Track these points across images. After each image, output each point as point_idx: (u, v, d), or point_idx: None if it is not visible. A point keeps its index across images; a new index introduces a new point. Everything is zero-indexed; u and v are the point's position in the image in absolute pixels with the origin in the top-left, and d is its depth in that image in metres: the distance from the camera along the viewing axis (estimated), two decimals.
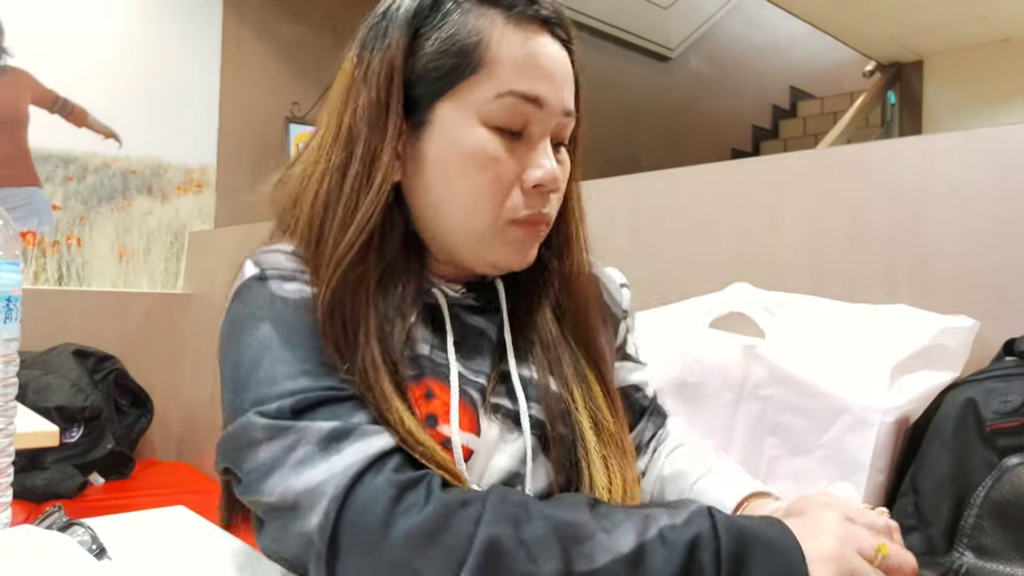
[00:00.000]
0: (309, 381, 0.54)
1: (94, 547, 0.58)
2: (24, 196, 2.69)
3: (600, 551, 0.48)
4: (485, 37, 0.60)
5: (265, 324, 0.58)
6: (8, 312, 0.58)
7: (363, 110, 0.61)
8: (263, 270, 0.62)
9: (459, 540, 0.48)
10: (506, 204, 0.61)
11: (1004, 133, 0.98)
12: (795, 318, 0.99)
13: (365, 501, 0.49)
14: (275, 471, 0.52)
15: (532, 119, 0.61)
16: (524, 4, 0.61)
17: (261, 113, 3.22)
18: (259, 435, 0.53)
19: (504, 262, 0.64)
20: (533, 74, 0.60)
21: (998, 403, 0.79)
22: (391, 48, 0.61)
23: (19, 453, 0.63)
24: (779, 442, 0.93)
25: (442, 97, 0.61)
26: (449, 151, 0.61)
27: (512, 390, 0.65)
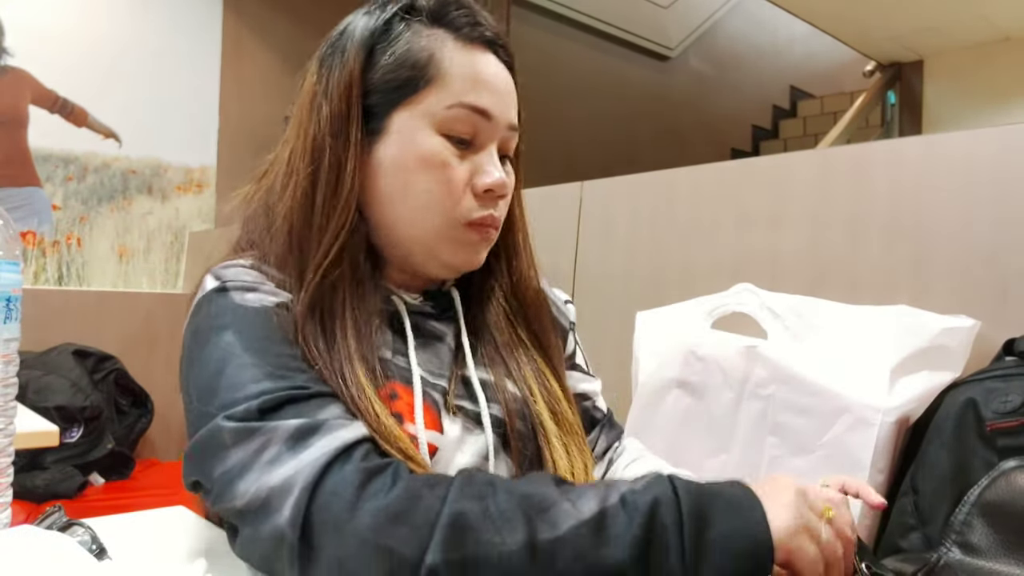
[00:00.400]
0: (273, 383, 0.56)
1: (94, 547, 0.58)
2: (24, 196, 2.69)
3: (564, 518, 0.49)
4: (436, 53, 0.66)
5: (227, 332, 0.60)
6: (8, 312, 0.58)
7: (326, 122, 0.65)
8: (224, 283, 0.64)
9: (426, 517, 0.49)
10: (459, 207, 0.66)
11: (1004, 133, 0.98)
12: (796, 318, 0.99)
13: (334, 488, 0.51)
14: (246, 473, 0.53)
15: (480, 129, 0.66)
16: (469, 26, 0.67)
17: (261, 113, 3.22)
18: (228, 439, 0.54)
19: (456, 262, 0.69)
20: (481, 88, 0.66)
21: (998, 403, 0.79)
22: (349, 63, 0.66)
23: (19, 453, 0.63)
24: (780, 441, 0.93)
25: (398, 106, 0.66)
26: (405, 155, 0.65)
27: (472, 392, 0.69)
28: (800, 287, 1.07)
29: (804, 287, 1.07)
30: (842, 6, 3.80)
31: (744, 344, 0.99)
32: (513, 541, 0.48)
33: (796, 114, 5.50)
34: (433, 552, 0.48)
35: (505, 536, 0.48)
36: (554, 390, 0.72)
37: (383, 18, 0.67)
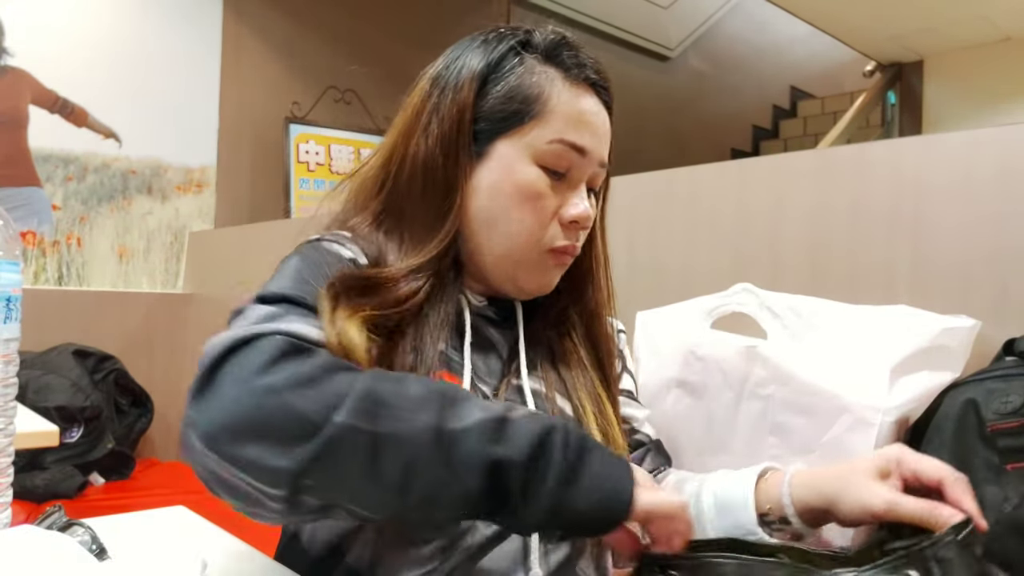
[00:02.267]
0: (290, 289, 0.61)
1: (94, 547, 0.58)
2: (24, 196, 2.70)
3: (471, 412, 0.52)
4: (546, 91, 0.70)
5: (296, 257, 0.67)
6: (8, 312, 0.58)
7: (435, 141, 0.71)
8: (321, 237, 0.71)
9: (340, 386, 0.50)
10: (545, 233, 0.71)
11: (1004, 133, 0.98)
12: (796, 318, 0.99)
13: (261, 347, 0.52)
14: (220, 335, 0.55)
15: (575, 165, 0.71)
16: (578, 68, 0.72)
17: (261, 113, 3.22)
18: (232, 317, 0.59)
19: (531, 286, 0.73)
20: (581, 128, 0.71)
21: (999, 403, 0.79)
22: (463, 89, 0.71)
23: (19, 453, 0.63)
24: (780, 442, 0.93)
25: (502, 135, 0.71)
26: (503, 181, 0.70)
27: (523, 400, 0.71)
28: (800, 287, 1.07)
29: (804, 287, 1.07)
30: (842, 6, 3.79)
31: (744, 344, 0.99)
32: (421, 422, 0.50)
33: (796, 114, 5.50)
34: (342, 415, 0.49)
35: (415, 416, 0.50)
36: (608, 413, 0.75)
37: (500, 51, 0.72)
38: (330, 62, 3.43)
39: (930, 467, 0.60)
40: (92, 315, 2.73)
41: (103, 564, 0.57)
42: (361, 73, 3.48)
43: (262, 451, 0.48)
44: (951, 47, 4.19)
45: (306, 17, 3.36)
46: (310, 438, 0.48)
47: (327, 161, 3.28)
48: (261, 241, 2.58)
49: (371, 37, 3.53)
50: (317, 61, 3.39)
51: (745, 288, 1.07)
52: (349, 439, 0.49)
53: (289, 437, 0.48)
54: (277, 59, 3.29)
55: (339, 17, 3.45)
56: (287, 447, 0.48)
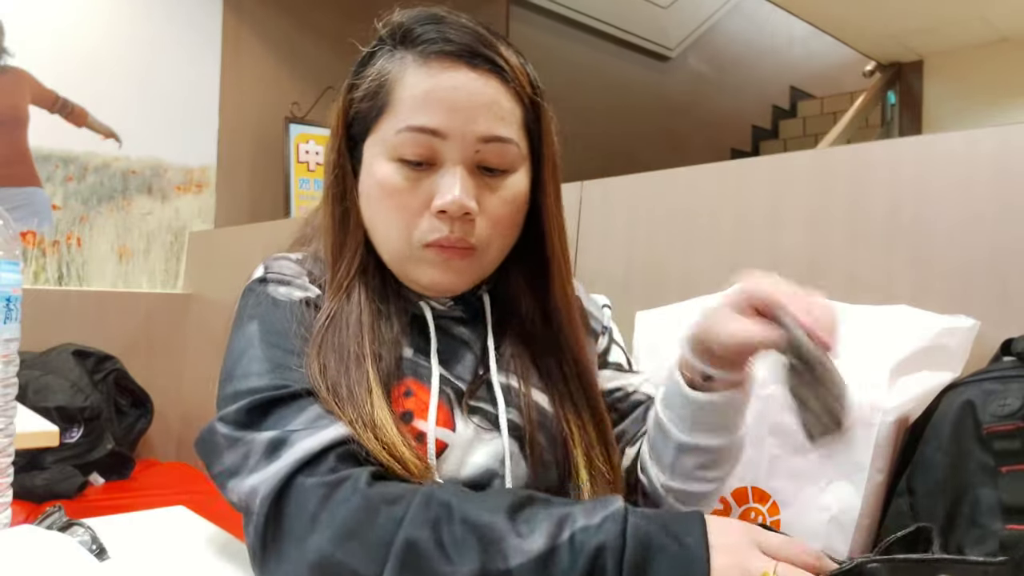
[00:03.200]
0: (269, 379, 0.61)
1: (94, 547, 0.58)
2: (24, 196, 2.69)
3: (513, 553, 0.50)
4: (391, 79, 0.67)
5: (254, 323, 0.66)
6: (8, 312, 0.58)
7: (331, 155, 0.71)
8: (266, 273, 0.71)
9: (380, 538, 0.51)
10: (417, 229, 0.67)
11: (1004, 133, 0.98)
12: None
13: (296, 500, 0.54)
14: (235, 475, 0.58)
15: (439, 149, 0.66)
16: (430, 42, 0.67)
17: (261, 113, 3.22)
18: (221, 443, 0.60)
19: (430, 281, 0.69)
20: (432, 107, 0.65)
21: (996, 406, 0.79)
22: (338, 103, 0.71)
23: (19, 453, 0.63)
24: (779, 441, 0.93)
25: (366, 138, 0.70)
26: (368, 185, 0.69)
27: (493, 396, 0.70)
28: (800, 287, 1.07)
29: (804, 287, 1.07)
30: (842, 6, 3.80)
31: None
32: (466, 569, 0.50)
33: (796, 114, 5.50)
34: (388, 572, 0.50)
35: (456, 566, 0.50)
36: (580, 399, 0.74)
37: (365, 52, 0.71)
38: (330, 62, 3.42)
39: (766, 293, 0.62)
40: (92, 315, 2.73)
41: (103, 564, 0.57)
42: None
43: None
44: (951, 47, 4.19)
45: (306, 17, 3.36)
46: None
47: None
48: (261, 241, 2.58)
49: (371, 37, 3.53)
50: (317, 61, 3.39)
51: None
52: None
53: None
54: (277, 59, 3.29)
55: (339, 17, 3.45)
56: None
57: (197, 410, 2.84)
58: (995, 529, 0.77)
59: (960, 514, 0.80)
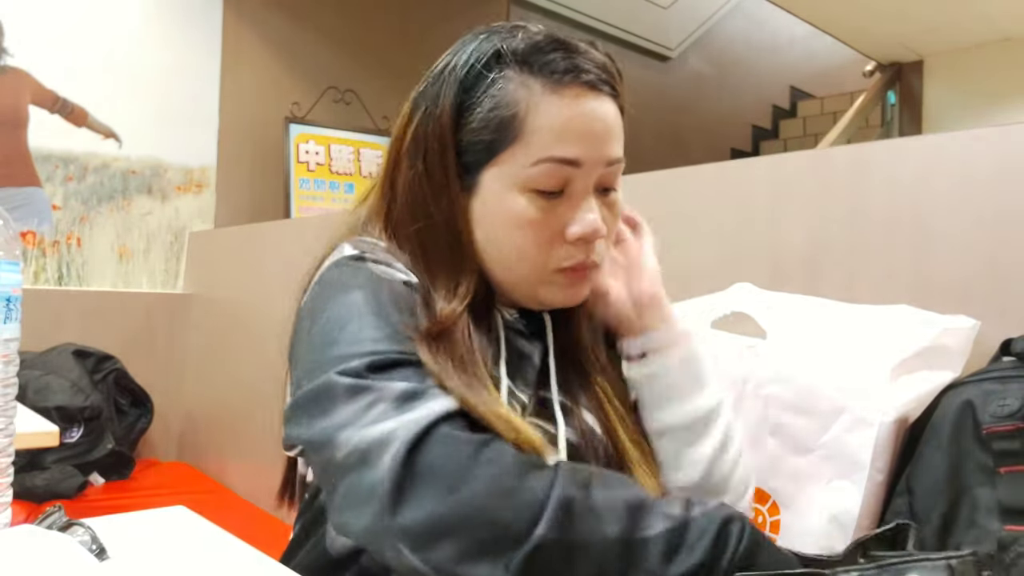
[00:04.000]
0: (388, 344, 0.59)
1: (94, 547, 0.58)
2: (24, 196, 2.70)
3: (656, 522, 0.53)
4: (522, 108, 0.65)
5: (357, 292, 0.63)
6: (8, 312, 0.58)
7: (422, 178, 0.68)
8: (362, 252, 0.68)
9: (536, 495, 0.52)
10: (551, 256, 0.67)
11: (1004, 133, 0.98)
12: (796, 318, 0.99)
13: (444, 448, 0.53)
14: (351, 425, 0.55)
15: (572, 177, 0.66)
16: (561, 72, 0.65)
17: (261, 113, 3.22)
18: (340, 393, 0.56)
19: (556, 301, 0.70)
20: (570, 137, 0.65)
21: (995, 407, 0.79)
22: (441, 118, 0.67)
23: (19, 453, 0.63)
24: (779, 442, 0.93)
25: (487, 165, 0.66)
26: (493, 215, 0.67)
27: (552, 414, 0.70)
28: (800, 287, 1.07)
29: (804, 287, 1.07)
30: (842, 6, 3.80)
31: (743, 344, 0.99)
32: (613, 532, 0.52)
33: (796, 114, 5.50)
34: (542, 528, 0.50)
35: (605, 527, 0.52)
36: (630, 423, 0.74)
37: (473, 72, 0.67)
38: (330, 62, 3.43)
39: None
40: (92, 315, 2.73)
41: (103, 564, 0.57)
42: (361, 73, 3.49)
43: (475, 561, 0.51)
44: (951, 47, 4.19)
45: (306, 17, 3.36)
46: (517, 548, 0.50)
47: (327, 161, 3.28)
48: (261, 241, 2.58)
49: (371, 37, 3.53)
50: (317, 61, 3.39)
51: (744, 288, 1.07)
52: (549, 548, 0.51)
53: (497, 548, 0.51)
54: (277, 59, 3.29)
55: (339, 17, 3.45)
56: (496, 558, 0.51)
57: (197, 410, 2.85)
58: (993, 529, 0.77)
59: (958, 514, 0.80)
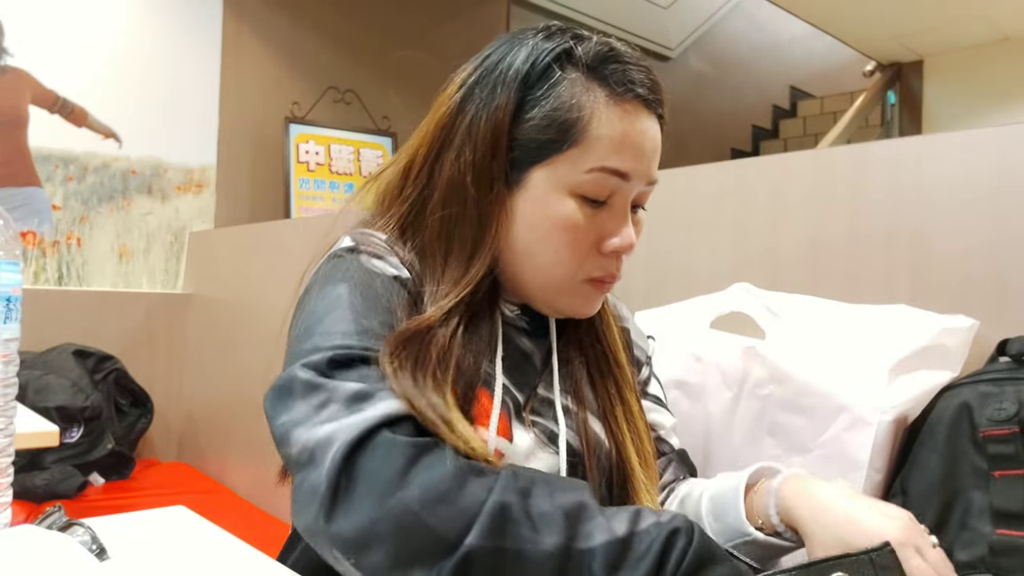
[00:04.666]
0: (357, 340, 0.59)
1: (94, 547, 0.58)
2: (24, 196, 2.70)
3: (598, 531, 0.52)
4: (586, 114, 0.64)
5: (343, 285, 0.63)
6: (8, 312, 0.58)
7: (468, 167, 0.66)
8: (357, 244, 0.67)
9: (471, 503, 0.51)
10: (583, 264, 0.67)
11: (1004, 133, 0.98)
12: (795, 318, 0.99)
13: (382, 452, 0.52)
14: (303, 424, 0.55)
15: (617, 190, 0.66)
16: (626, 85, 0.66)
17: (261, 113, 3.22)
18: (297, 389, 0.57)
19: (571, 311, 0.70)
20: (625, 150, 0.65)
21: (992, 410, 0.79)
22: (499, 111, 0.65)
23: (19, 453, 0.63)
24: (778, 442, 0.93)
25: (538, 164, 0.66)
26: (537, 214, 0.66)
27: (553, 413, 0.69)
28: (799, 287, 1.07)
29: (803, 287, 1.07)
30: (842, 6, 3.80)
31: (742, 344, 0.99)
32: (550, 543, 0.50)
33: (796, 114, 5.50)
34: (473, 536, 0.50)
35: (543, 536, 0.51)
36: (638, 428, 0.73)
37: (538, 67, 0.66)
38: (330, 62, 3.43)
39: None
40: (92, 315, 2.73)
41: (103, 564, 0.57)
42: (361, 73, 3.48)
43: (406, 569, 0.50)
44: (951, 47, 4.19)
45: (306, 17, 3.36)
46: (448, 556, 0.50)
47: (327, 161, 3.28)
48: (261, 241, 2.58)
49: (371, 37, 3.53)
50: (317, 61, 3.39)
51: (744, 288, 1.07)
52: (480, 557, 0.50)
53: (426, 555, 0.50)
54: (277, 59, 3.29)
55: (339, 17, 3.45)
56: (428, 566, 0.50)
57: (197, 410, 2.85)
58: (985, 533, 0.77)
59: (952, 517, 0.80)
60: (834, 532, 0.60)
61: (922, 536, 0.58)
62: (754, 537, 0.68)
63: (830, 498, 0.63)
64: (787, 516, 0.66)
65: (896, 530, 0.58)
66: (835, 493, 0.63)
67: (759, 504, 0.69)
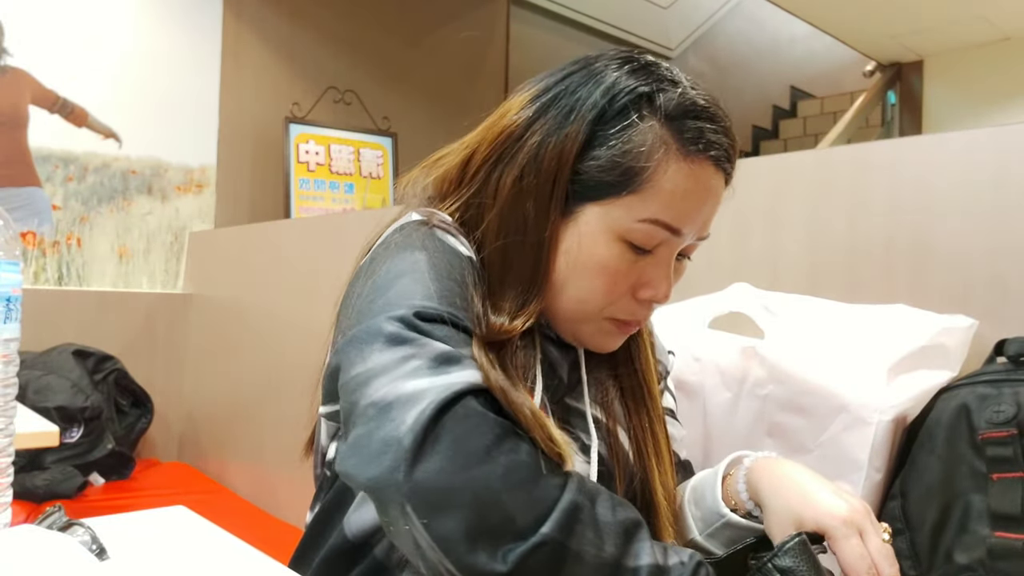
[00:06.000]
0: (438, 303, 0.58)
1: (94, 547, 0.58)
2: (24, 196, 2.70)
3: (645, 554, 0.53)
4: (653, 165, 0.63)
5: (420, 252, 0.62)
6: (8, 312, 0.58)
7: (531, 190, 0.65)
8: (429, 219, 0.66)
9: (547, 495, 0.51)
10: (613, 305, 0.67)
11: (1004, 133, 0.99)
12: (794, 318, 0.99)
13: (471, 422, 0.52)
14: (385, 374, 0.54)
15: (666, 242, 0.65)
16: (700, 145, 0.64)
17: (261, 113, 3.22)
18: (382, 339, 0.55)
19: (591, 344, 0.70)
20: (684, 207, 0.64)
21: (991, 412, 0.79)
22: (567, 140, 0.64)
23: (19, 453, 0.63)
24: (777, 441, 0.93)
25: (592, 202, 0.65)
26: (582, 250, 0.65)
27: (585, 425, 0.69)
28: (799, 286, 1.07)
29: (803, 286, 1.08)
30: (842, 6, 3.79)
31: (741, 344, 0.99)
32: (607, 552, 0.52)
33: (796, 114, 5.50)
34: (548, 527, 0.50)
35: (603, 544, 0.52)
36: (664, 464, 0.73)
37: (616, 104, 0.64)
38: (330, 62, 3.43)
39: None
40: (92, 315, 2.73)
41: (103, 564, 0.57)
42: (361, 73, 3.48)
43: (470, 543, 0.50)
44: (951, 47, 4.19)
45: (306, 17, 3.37)
46: (518, 542, 0.50)
47: (327, 161, 3.28)
48: (261, 241, 2.58)
49: (371, 37, 3.53)
50: (317, 61, 3.39)
51: (743, 288, 1.07)
52: (548, 549, 0.50)
53: (500, 536, 0.50)
54: (277, 59, 3.30)
55: (339, 17, 3.45)
56: (497, 546, 0.50)
57: (197, 410, 2.85)
58: (983, 536, 0.77)
59: (950, 519, 0.80)
60: (788, 506, 0.63)
61: (871, 523, 0.60)
62: (728, 519, 0.69)
63: (791, 475, 0.65)
64: (754, 492, 0.68)
65: (844, 510, 0.60)
66: (798, 472, 0.65)
67: (732, 485, 0.71)
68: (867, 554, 0.58)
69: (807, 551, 0.57)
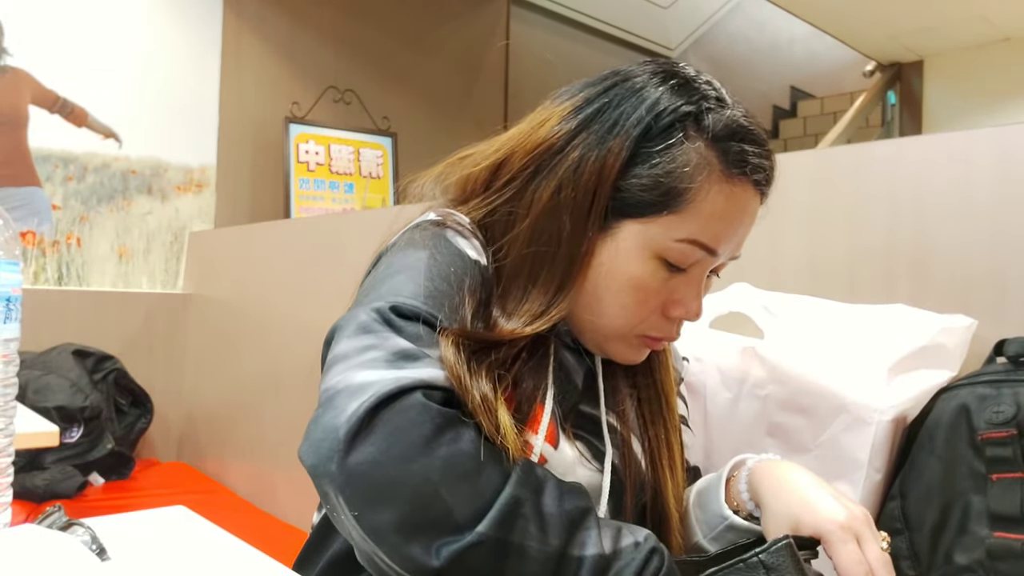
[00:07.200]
0: (423, 302, 0.58)
1: (94, 547, 0.58)
2: (24, 196, 2.70)
3: (591, 542, 0.53)
4: (695, 186, 0.62)
5: (423, 252, 0.62)
6: (8, 312, 0.58)
7: (567, 206, 0.64)
8: (444, 219, 0.67)
9: (488, 487, 0.51)
10: (644, 323, 0.66)
11: (1004, 133, 0.99)
12: (794, 318, 0.99)
13: (414, 415, 0.51)
14: (343, 361, 0.54)
15: (700, 261, 0.65)
16: (743, 167, 0.64)
17: (261, 113, 3.22)
18: (353, 326, 0.56)
19: (618, 357, 0.69)
20: (722, 228, 0.64)
21: (990, 413, 0.79)
22: (610, 155, 0.63)
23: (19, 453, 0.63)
24: (777, 441, 0.93)
25: (631, 219, 0.64)
26: (617, 266, 0.65)
27: (600, 432, 0.69)
28: (799, 287, 1.07)
29: (802, 287, 1.08)
30: (842, 6, 3.79)
31: (741, 344, 0.99)
32: (551, 545, 0.52)
33: (796, 114, 5.49)
34: (484, 525, 0.50)
35: (547, 537, 0.52)
36: (677, 477, 0.73)
37: (662, 122, 0.63)
38: (330, 62, 3.43)
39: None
40: (92, 315, 2.73)
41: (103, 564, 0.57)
42: (361, 73, 3.48)
43: (404, 536, 0.49)
44: (951, 47, 4.19)
45: (306, 17, 3.37)
46: (454, 537, 0.49)
47: (327, 161, 3.28)
48: (261, 241, 2.58)
49: (371, 37, 3.53)
50: (317, 61, 3.39)
51: (743, 288, 1.07)
52: (486, 548, 0.50)
53: (433, 529, 0.50)
54: (277, 59, 3.30)
55: (339, 17, 3.45)
56: (430, 539, 0.50)
57: (197, 410, 2.85)
58: (983, 536, 0.77)
59: (950, 520, 0.80)
60: (786, 509, 0.62)
61: (870, 530, 0.59)
62: (731, 521, 0.69)
63: (792, 478, 0.65)
64: (755, 493, 0.68)
65: (843, 515, 0.59)
66: (799, 475, 0.65)
67: (735, 487, 0.71)
68: (864, 560, 0.57)
69: (793, 553, 0.57)
